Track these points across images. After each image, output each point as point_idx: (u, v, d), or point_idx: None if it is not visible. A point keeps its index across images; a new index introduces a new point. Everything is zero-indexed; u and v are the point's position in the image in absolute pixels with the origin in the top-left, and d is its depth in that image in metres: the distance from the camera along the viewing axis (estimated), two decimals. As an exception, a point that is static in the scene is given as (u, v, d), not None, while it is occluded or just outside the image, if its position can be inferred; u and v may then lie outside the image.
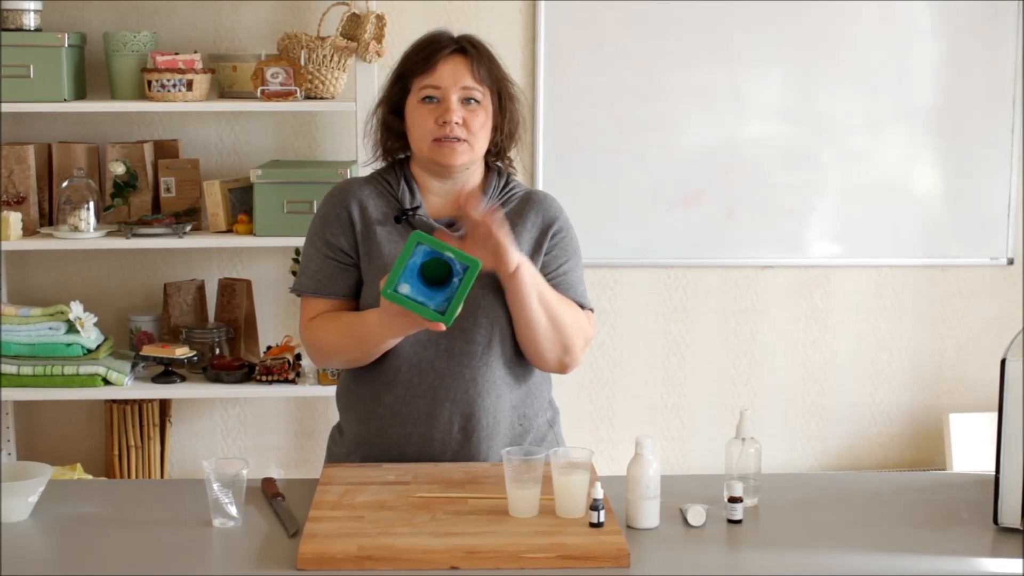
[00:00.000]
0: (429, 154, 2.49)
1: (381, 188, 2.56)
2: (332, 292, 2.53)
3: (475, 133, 2.49)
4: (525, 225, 2.55)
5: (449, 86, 2.47)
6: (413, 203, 2.52)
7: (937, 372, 4.36)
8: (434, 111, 2.48)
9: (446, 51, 2.50)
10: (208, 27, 4.02)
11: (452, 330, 2.37)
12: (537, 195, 2.62)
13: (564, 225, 2.60)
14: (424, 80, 2.49)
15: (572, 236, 2.61)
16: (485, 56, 2.53)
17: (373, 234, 2.51)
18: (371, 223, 2.52)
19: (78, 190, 3.78)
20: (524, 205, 2.58)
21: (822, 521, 2.32)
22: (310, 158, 4.08)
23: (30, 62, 3.67)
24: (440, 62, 2.48)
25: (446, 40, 2.52)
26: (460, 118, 2.47)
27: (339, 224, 2.53)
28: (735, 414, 2.47)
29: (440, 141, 2.47)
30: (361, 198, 2.54)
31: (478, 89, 2.49)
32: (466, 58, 2.50)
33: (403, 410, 2.51)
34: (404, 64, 2.55)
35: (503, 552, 2.07)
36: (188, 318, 4.01)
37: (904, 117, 4.21)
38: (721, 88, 4.15)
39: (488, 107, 2.51)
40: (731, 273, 4.27)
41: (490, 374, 2.51)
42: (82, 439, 4.16)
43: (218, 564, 2.11)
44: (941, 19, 4.18)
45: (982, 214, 4.26)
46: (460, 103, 2.48)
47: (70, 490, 2.53)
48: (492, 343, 2.50)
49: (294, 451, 4.22)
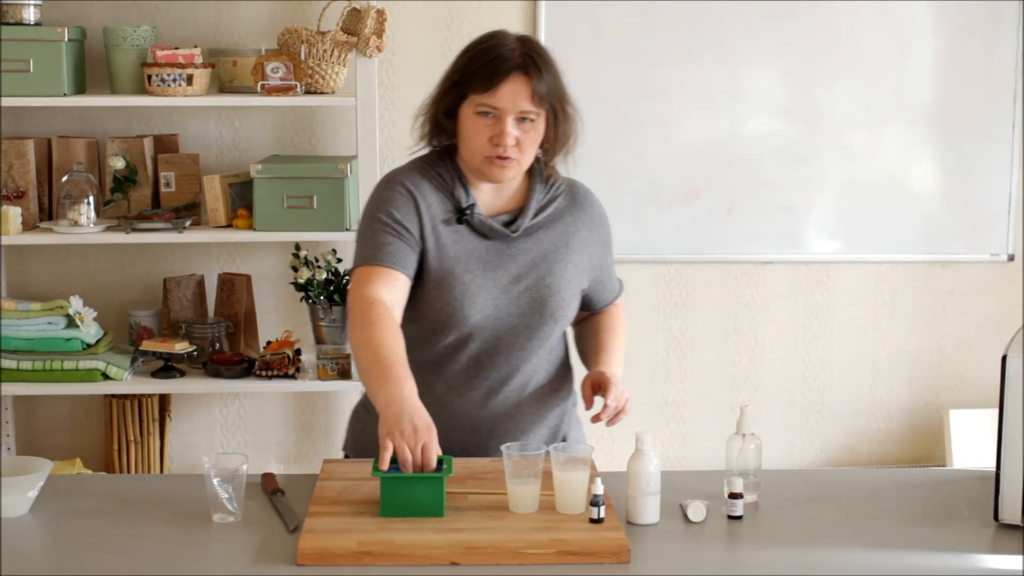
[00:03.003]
0: (480, 167, 2.48)
1: (436, 182, 2.53)
2: (396, 263, 2.44)
3: (525, 151, 2.47)
4: (576, 225, 2.58)
5: (508, 108, 2.42)
6: (468, 200, 2.51)
7: (937, 368, 4.36)
8: (489, 128, 2.44)
9: (510, 71, 2.42)
10: (208, 22, 4.01)
11: (517, 326, 2.49)
12: (580, 191, 2.63)
13: (603, 220, 2.66)
14: (483, 98, 2.42)
15: (609, 229, 2.68)
16: (547, 73, 2.45)
17: (439, 234, 2.49)
18: (437, 222, 2.50)
19: (78, 185, 3.77)
20: (571, 203, 2.60)
21: (822, 517, 2.32)
22: (310, 153, 4.08)
23: (30, 56, 3.67)
24: (502, 83, 2.41)
25: (510, 56, 2.43)
26: (514, 140, 2.44)
27: (408, 208, 2.48)
28: (735, 410, 2.47)
29: (491, 159, 2.45)
30: (425, 193, 2.51)
31: (535, 111, 2.44)
32: (528, 78, 2.42)
33: (454, 401, 2.51)
34: (464, 74, 2.46)
35: (503, 548, 2.07)
36: (188, 313, 4.01)
37: (904, 113, 4.21)
38: (721, 85, 4.15)
39: (541, 124, 2.47)
40: (731, 269, 4.27)
41: (541, 365, 2.57)
42: (81, 434, 4.15)
43: (217, 559, 2.11)
44: (941, 15, 4.18)
45: (982, 210, 4.25)
46: (515, 123, 2.44)
47: (69, 485, 2.53)
48: (551, 338, 2.56)
49: (294, 446, 4.21)
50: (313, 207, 3.76)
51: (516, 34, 2.51)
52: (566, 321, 2.59)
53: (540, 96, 2.43)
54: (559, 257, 2.55)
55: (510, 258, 2.51)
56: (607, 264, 2.68)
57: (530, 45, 2.48)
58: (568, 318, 2.59)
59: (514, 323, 2.50)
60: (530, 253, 2.53)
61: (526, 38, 2.51)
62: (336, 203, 3.76)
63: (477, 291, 2.47)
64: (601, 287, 2.67)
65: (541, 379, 2.59)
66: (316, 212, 3.76)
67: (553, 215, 2.57)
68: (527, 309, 2.50)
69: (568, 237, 2.57)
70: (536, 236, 2.54)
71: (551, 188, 2.58)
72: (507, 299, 2.49)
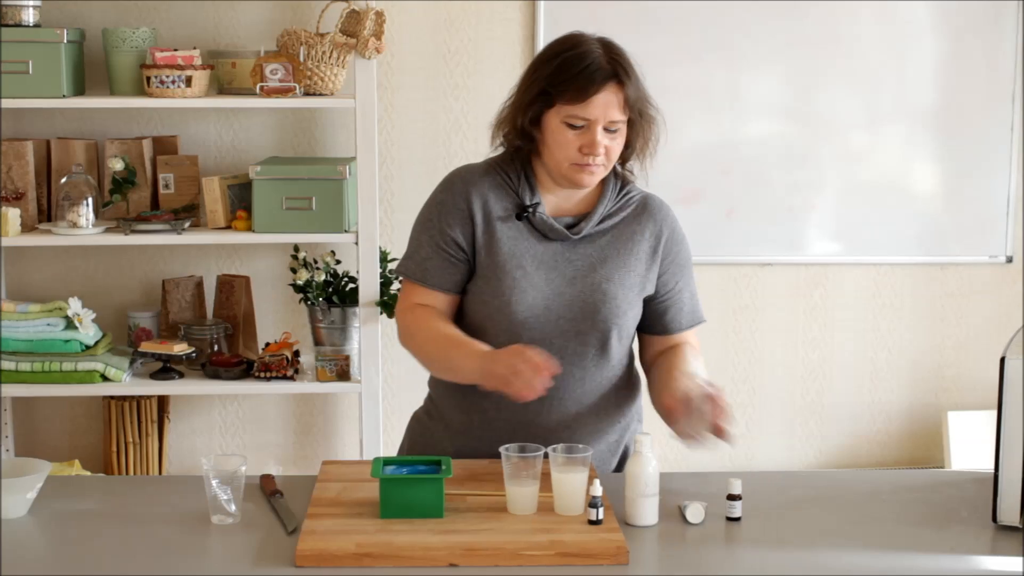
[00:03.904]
0: (567, 174, 2.46)
1: (500, 180, 2.52)
2: (437, 284, 2.51)
3: (612, 157, 2.47)
4: (643, 235, 2.55)
5: (598, 118, 2.41)
6: (533, 199, 2.50)
7: (936, 370, 4.36)
8: (579, 138, 2.42)
9: (603, 81, 2.41)
10: (207, 23, 4.01)
11: (568, 331, 2.47)
12: (653, 203, 2.60)
13: (678, 237, 2.60)
14: (574, 110, 2.41)
15: (685, 247, 2.61)
16: (634, 78, 2.45)
17: (494, 230, 2.49)
18: (492, 219, 2.49)
19: (77, 186, 3.77)
20: (641, 212, 2.57)
21: (820, 519, 2.32)
22: (309, 154, 4.08)
23: (29, 58, 3.67)
24: (595, 94, 2.40)
25: (599, 67, 2.41)
26: (604, 148, 2.43)
27: (457, 216, 2.50)
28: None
29: (580, 166, 2.44)
30: (483, 191, 2.51)
31: (623, 120, 2.44)
32: (618, 87, 2.42)
33: (511, 404, 2.46)
34: (552, 83, 2.43)
35: (502, 549, 2.07)
36: (187, 314, 4.01)
37: (904, 115, 4.21)
38: (721, 87, 4.15)
39: (625, 129, 2.47)
40: (730, 271, 4.27)
41: (599, 375, 2.53)
42: (80, 435, 4.15)
43: (216, 561, 2.11)
44: (940, 17, 4.18)
45: (981, 212, 4.25)
46: (604, 132, 2.43)
47: (68, 486, 2.53)
48: (606, 348, 2.52)
49: (293, 448, 4.21)
50: (312, 209, 3.76)
51: (596, 37, 2.49)
52: (623, 331, 2.53)
53: (630, 104, 2.43)
54: (620, 264, 2.52)
55: (567, 261, 2.50)
56: (681, 286, 2.60)
57: (613, 50, 2.46)
58: (625, 329, 2.53)
59: (565, 327, 2.48)
60: (589, 258, 2.51)
61: (607, 42, 2.48)
62: (335, 205, 3.76)
63: (527, 287, 2.46)
64: (669, 306, 2.60)
65: (601, 391, 2.54)
66: (315, 214, 3.76)
67: (620, 223, 2.54)
68: (579, 313, 2.48)
69: (633, 245, 2.53)
70: (599, 242, 2.52)
71: (624, 196, 2.56)
72: (559, 301, 2.48)
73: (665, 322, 2.61)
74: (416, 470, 2.27)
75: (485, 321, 2.49)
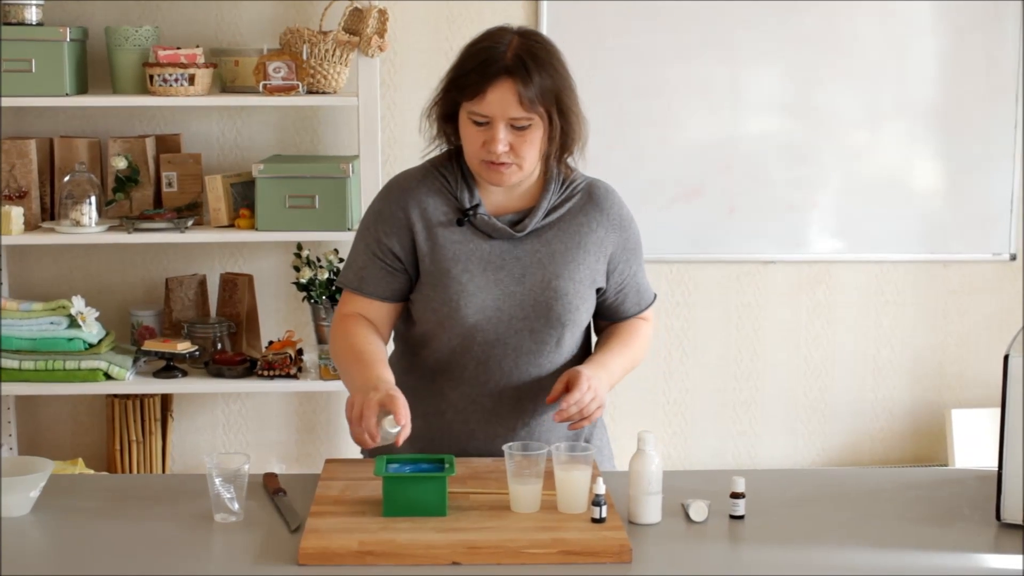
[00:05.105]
0: (479, 172, 2.43)
1: (438, 184, 2.48)
2: (374, 293, 2.49)
3: (523, 156, 2.39)
4: (591, 226, 2.51)
5: (496, 115, 2.35)
6: (472, 201, 2.46)
7: (939, 368, 4.36)
8: (482, 134, 2.37)
9: (495, 76, 2.34)
10: (210, 21, 4.02)
11: (521, 330, 2.44)
12: (599, 191, 2.55)
13: (627, 223, 2.57)
14: (471, 106, 2.36)
15: (634, 231, 2.58)
16: (539, 74, 2.35)
17: (436, 236, 2.45)
18: (432, 225, 2.46)
19: (80, 185, 3.77)
20: (587, 202, 2.52)
21: (823, 517, 2.31)
22: (312, 153, 4.08)
23: (32, 56, 3.67)
24: (488, 90, 2.34)
25: (499, 59, 2.35)
26: (507, 145, 2.37)
27: (394, 226, 2.47)
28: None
29: (488, 163, 2.40)
30: (420, 198, 2.47)
31: (526, 117, 2.35)
32: (515, 83, 2.34)
33: (468, 407, 2.48)
34: (455, 80, 2.40)
35: (504, 548, 2.07)
36: (190, 313, 4.01)
37: (905, 113, 4.21)
38: (722, 84, 4.15)
39: (539, 127, 2.39)
40: (732, 268, 4.27)
41: (555, 372, 2.50)
42: (83, 434, 4.16)
43: (219, 559, 2.11)
44: (942, 15, 4.18)
45: (984, 210, 4.25)
46: (507, 129, 2.36)
47: (71, 485, 2.53)
48: (561, 342, 2.50)
49: (296, 446, 4.22)
50: (315, 207, 3.76)
51: (517, 30, 2.43)
52: (578, 326, 2.52)
53: (530, 101, 2.35)
54: (570, 259, 2.48)
55: (515, 259, 2.46)
56: (631, 271, 2.58)
57: (526, 44, 2.39)
58: (579, 323, 2.52)
59: (518, 326, 2.46)
60: (537, 254, 2.47)
61: (526, 33, 2.43)
62: (338, 203, 3.76)
63: (475, 291, 2.43)
64: (623, 295, 2.59)
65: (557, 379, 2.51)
66: (318, 212, 3.76)
67: (566, 215, 2.50)
68: (532, 312, 2.45)
69: (581, 238, 2.49)
70: (546, 236, 2.48)
71: (567, 187, 2.51)
72: (511, 301, 2.45)
73: (617, 310, 2.61)
74: (419, 468, 2.27)
75: (436, 327, 2.47)
